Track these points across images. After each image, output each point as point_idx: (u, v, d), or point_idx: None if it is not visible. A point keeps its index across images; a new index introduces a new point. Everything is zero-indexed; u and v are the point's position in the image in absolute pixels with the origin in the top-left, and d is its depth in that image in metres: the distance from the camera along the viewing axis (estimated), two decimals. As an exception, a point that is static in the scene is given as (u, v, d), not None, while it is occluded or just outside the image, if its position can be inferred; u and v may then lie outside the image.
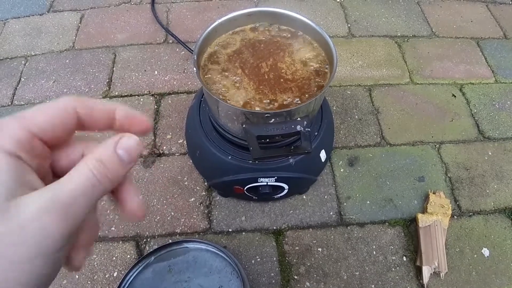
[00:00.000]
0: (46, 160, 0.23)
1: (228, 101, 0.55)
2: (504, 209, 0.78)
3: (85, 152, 0.25)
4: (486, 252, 0.73)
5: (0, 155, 0.20)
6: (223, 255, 0.64)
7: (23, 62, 0.99)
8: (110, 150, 0.23)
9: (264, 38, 0.64)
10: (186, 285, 0.62)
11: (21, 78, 0.95)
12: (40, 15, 1.10)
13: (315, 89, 0.57)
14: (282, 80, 0.58)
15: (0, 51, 1.01)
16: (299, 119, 0.52)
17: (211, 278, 0.62)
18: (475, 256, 0.72)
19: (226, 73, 0.59)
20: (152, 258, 0.64)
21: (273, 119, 0.52)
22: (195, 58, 0.57)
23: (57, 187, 0.21)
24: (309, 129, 0.52)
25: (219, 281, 0.62)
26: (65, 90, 0.93)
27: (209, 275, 0.63)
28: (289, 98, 0.56)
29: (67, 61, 0.99)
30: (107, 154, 0.23)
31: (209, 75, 0.59)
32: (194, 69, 0.55)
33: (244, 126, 0.52)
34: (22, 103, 0.91)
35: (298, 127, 0.51)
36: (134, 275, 0.62)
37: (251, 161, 0.62)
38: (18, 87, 0.94)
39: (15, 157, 0.20)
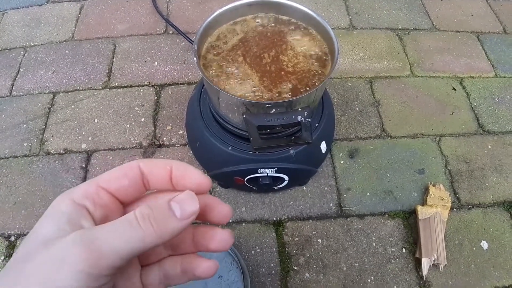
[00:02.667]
0: (114, 212, 0.25)
1: (228, 92, 0.55)
2: (503, 203, 0.78)
3: None
4: (485, 245, 0.73)
5: (67, 202, 0.23)
6: (223, 245, 0.64)
7: (22, 53, 0.98)
8: (163, 200, 0.23)
9: (265, 29, 0.63)
10: (186, 275, 0.62)
11: (20, 69, 0.95)
12: (39, 5, 1.09)
13: (316, 80, 0.57)
14: (283, 71, 0.58)
15: (-1, 42, 1.00)
16: (300, 109, 0.52)
17: (211, 268, 0.62)
18: (474, 248, 0.72)
19: (227, 63, 0.58)
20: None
21: (273, 110, 0.52)
22: (196, 48, 0.56)
23: (95, 226, 0.22)
24: (309, 120, 0.52)
25: (219, 271, 0.62)
26: (64, 80, 0.92)
27: (209, 265, 0.63)
28: (290, 88, 0.56)
29: (66, 51, 0.98)
30: (158, 202, 0.23)
31: (210, 65, 0.58)
32: (195, 59, 0.54)
33: (244, 116, 0.51)
34: (21, 93, 0.90)
35: (299, 118, 0.51)
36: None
37: (251, 152, 0.62)
38: (17, 78, 0.93)
39: (78, 204, 0.23)
